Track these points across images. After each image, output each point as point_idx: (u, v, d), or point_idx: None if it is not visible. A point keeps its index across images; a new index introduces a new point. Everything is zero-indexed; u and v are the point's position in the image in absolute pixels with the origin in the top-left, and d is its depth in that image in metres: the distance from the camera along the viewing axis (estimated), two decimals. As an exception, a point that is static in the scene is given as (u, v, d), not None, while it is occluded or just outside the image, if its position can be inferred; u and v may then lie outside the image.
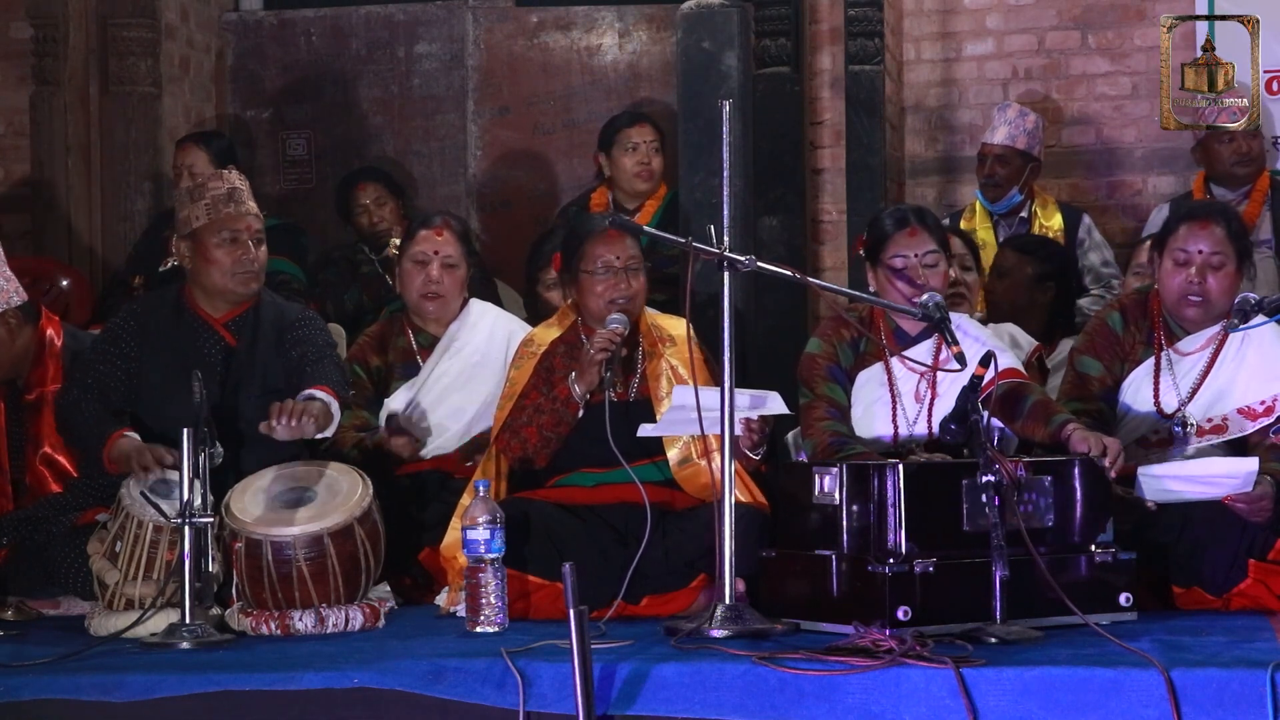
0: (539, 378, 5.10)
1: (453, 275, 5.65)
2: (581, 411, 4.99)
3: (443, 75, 8.06)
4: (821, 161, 7.18)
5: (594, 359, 4.94)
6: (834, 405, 5.00)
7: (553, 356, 5.14)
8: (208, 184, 5.17)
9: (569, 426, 5.01)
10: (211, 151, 6.95)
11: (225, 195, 5.12)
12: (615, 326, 4.99)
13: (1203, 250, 4.98)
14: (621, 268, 5.09)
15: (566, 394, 4.99)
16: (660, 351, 5.07)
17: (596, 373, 4.94)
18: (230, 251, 5.09)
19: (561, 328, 5.21)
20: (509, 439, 5.05)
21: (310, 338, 5.16)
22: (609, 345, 4.94)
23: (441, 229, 5.68)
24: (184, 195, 5.22)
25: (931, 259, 5.00)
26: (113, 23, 7.66)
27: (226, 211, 5.10)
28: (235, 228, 5.10)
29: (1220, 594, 4.67)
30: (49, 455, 5.34)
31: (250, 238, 5.13)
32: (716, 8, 6.68)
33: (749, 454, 4.85)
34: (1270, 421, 4.95)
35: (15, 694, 4.01)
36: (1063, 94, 7.60)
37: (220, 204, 5.10)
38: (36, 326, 5.41)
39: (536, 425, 5.01)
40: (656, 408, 4.98)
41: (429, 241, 5.65)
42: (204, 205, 5.10)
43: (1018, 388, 4.90)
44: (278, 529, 4.64)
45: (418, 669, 3.95)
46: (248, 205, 5.16)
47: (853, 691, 3.76)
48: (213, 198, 5.11)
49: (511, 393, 5.11)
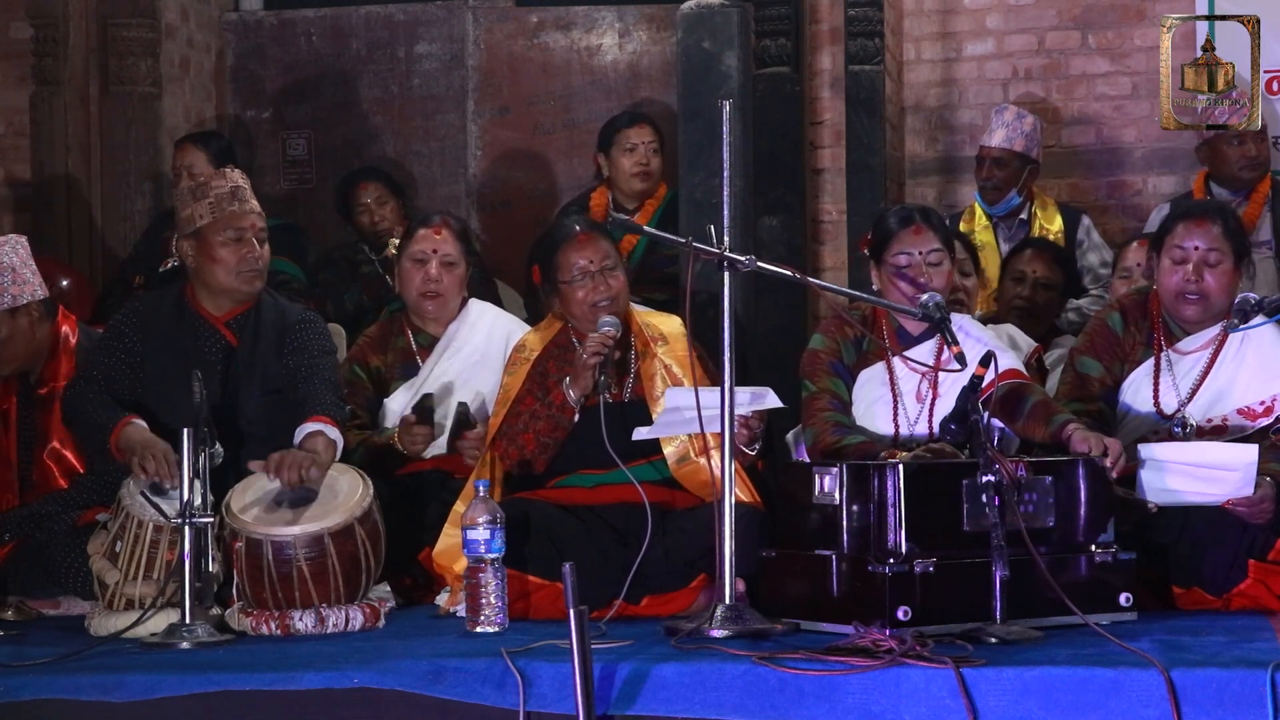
0: (533, 383, 5.10)
1: (452, 274, 5.65)
2: (577, 416, 4.99)
3: (443, 75, 8.06)
4: (821, 161, 7.18)
5: (587, 364, 4.94)
6: (836, 398, 5.01)
7: (546, 361, 5.14)
8: (210, 182, 5.16)
9: (565, 431, 5.01)
10: (210, 151, 6.95)
11: (229, 194, 5.13)
12: (607, 330, 4.99)
13: (1199, 247, 4.98)
14: (598, 270, 5.09)
15: (561, 399, 4.99)
16: (653, 351, 5.07)
17: (590, 377, 4.95)
18: (235, 250, 5.10)
19: (552, 332, 5.22)
20: (506, 445, 5.05)
21: (307, 345, 5.15)
22: (601, 349, 4.95)
23: (440, 228, 5.68)
24: (186, 194, 5.22)
25: (936, 257, 5.00)
26: (113, 23, 7.66)
27: (231, 210, 5.10)
28: (240, 226, 5.10)
29: (1220, 594, 4.67)
30: (57, 450, 5.35)
31: (254, 235, 5.13)
32: (716, 8, 6.68)
33: (744, 450, 4.85)
34: (1270, 421, 4.95)
35: (15, 694, 4.01)
36: (1063, 94, 7.60)
37: (224, 202, 5.11)
38: (54, 322, 5.43)
39: (533, 431, 5.01)
40: (652, 407, 4.98)
41: (428, 240, 5.66)
42: (208, 204, 5.10)
43: (1018, 388, 4.91)
44: (278, 529, 4.64)
45: (418, 669, 3.95)
46: (251, 203, 5.17)
47: (853, 691, 3.76)
48: (216, 196, 5.11)
49: (505, 399, 5.12)
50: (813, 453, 4.97)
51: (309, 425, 4.88)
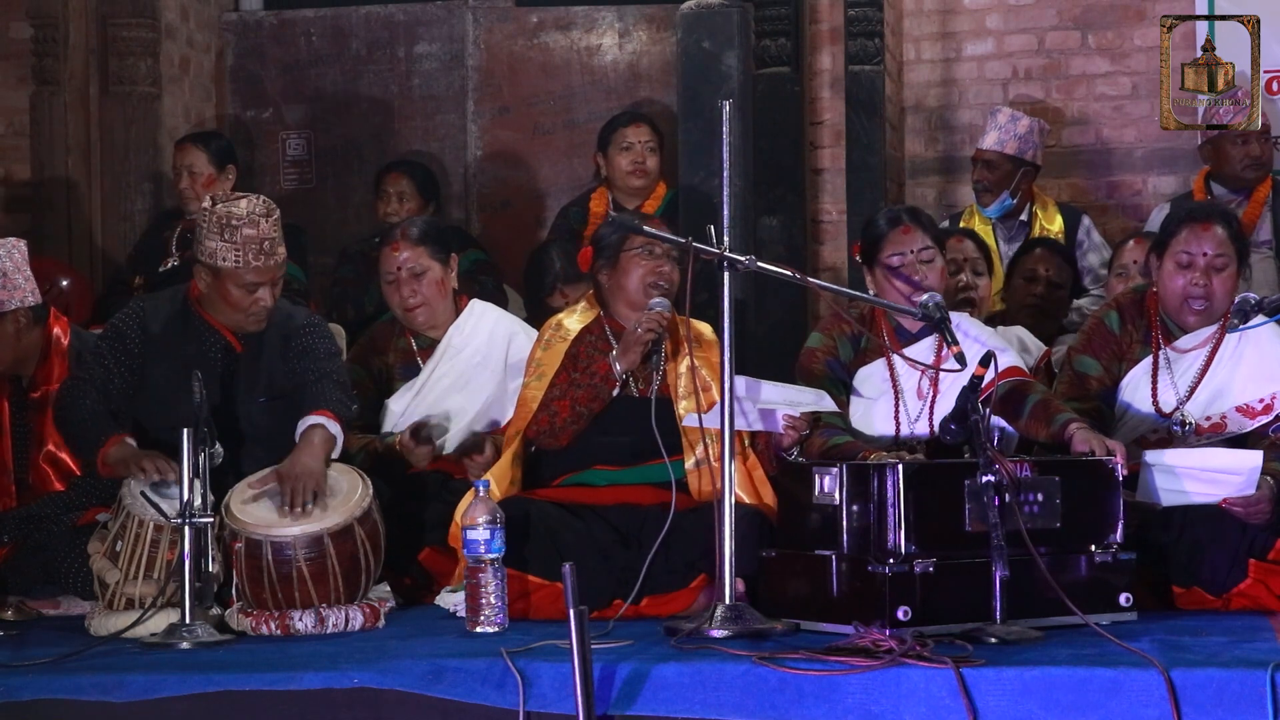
0: (568, 360, 5.09)
1: (425, 281, 5.61)
2: (618, 389, 4.99)
3: (443, 75, 8.06)
4: (821, 161, 7.18)
5: (640, 337, 4.95)
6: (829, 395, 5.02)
7: (578, 345, 5.13)
8: (242, 228, 4.94)
9: (603, 404, 5.00)
10: (210, 151, 6.94)
11: (257, 246, 4.94)
12: (660, 309, 4.99)
13: (1207, 253, 4.98)
14: (663, 253, 5.10)
15: (606, 369, 4.99)
16: (685, 351, 5.06)
17: (640, 351, 4.96)
18: (248, 296, 5.01)
19: (588, 319, 5.20)
20: (538, 412, 5.04)
21: (314, 348, 5.12)
22: (656, 325, 4.95)
23: (397, 243, 5.65)
24: (213, 224, 4.97)
25: (927, 255, 5.03)
26: (113, 23, 7.66)
27: (255, 265, 4.95)
28: (260, 280, 4.99)
29: (1220, 594, 4.67)
30: (53, 453, 5.35)
31: (271, 283, 5.03)
32: (716, 8, 6.68)
33: (784, 454, 4.86)
34: (1269, 420, 4.95)
35: (15, 694, 4.01)
36: (1062, 94, 7.59)
37: (251, 255, 4.94)
38: (44, 326, 5.42)
39: (570, 399, 5.00)
40: (676, 405, 4.99)
41: (388, 259, 5.65)
42: (234, 250, 4.93)
43: (1020, 386, 4.91)
44: (278, 529, 4.64)
45: (418, 669, 3.95)
46: (277, 254, 5.01)
47: (853, 691, 3.76)
48: (245, 242, 4.93)
49: (540, 372, 5.10)
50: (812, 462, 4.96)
51: (309, 419, 4.87)
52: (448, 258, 5.68)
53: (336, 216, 7.89)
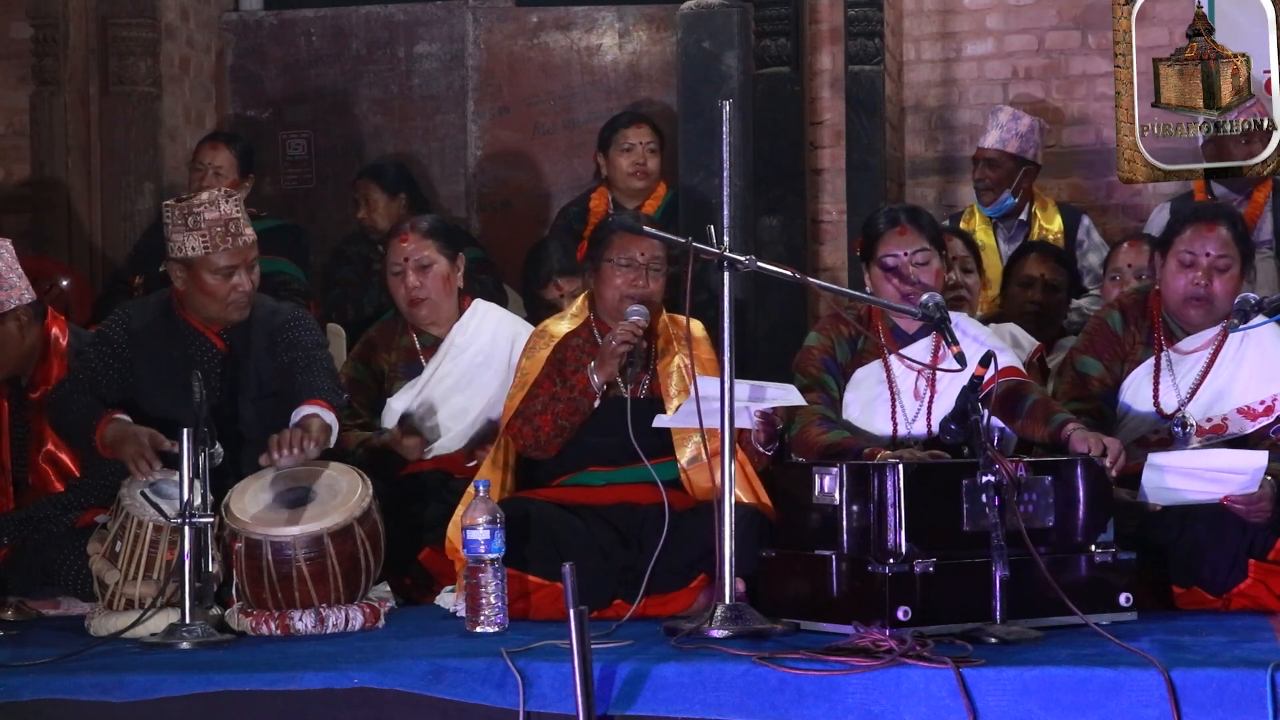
0: (552, 368, 5.09)
1: (431, 275, 5.61)
2: (598, 402, 4.99)
3: (443, 75, 8.06)
4: (821, 161, 7.18)
5: (615, 350, 4.94)
6: (825, 392, 5.04)
7: (565, 349, 5.14)
8: (203, 213, 4.97)
9: (584, 416, 5.00)
10: (238, 154, 6.92)
11: (221, 229, 4.97)
12: (636, 319, 4.99)
13: (1210, 253, 4.98)
14: (644, 264, 5.10)
15: (585, 383, 4.99)
16: (674, 350, 5.07)
17: (616, 364, 4.95)
18: (224, 283, 5.01)
19: (574, 323, 5.21)
20: (521, 425, 5.04)
21: (300, 340, 5.12)
22: (630, 337, 4.95)
23: (407, 234, 5.65)
24: (176, 219, 4.99)
25: (922, 257, 5.03)
26: (113, 23, 7.66)
27: (224, 247, 4.97)
28: (230, 263, 5.00)
29: (1220, 594, 4.67)
30: (52, 454, 5.35)
31: (244, 266, 5.03)
32: (716, 8, 6.68)
33: (760, 449, 4.86)
34: (1270, 421, 4.95)
35: (15, 694, 4.01)
36: (1062, 94, 7.60)
37: (217, 237, 4.96)
38: (43, 325, 5.41)
39: (551, 413, 5.00)
40: (668, 405, 4.99)
41: (397, 250, 5.65)
42: (199, 236, 4.96)
43: (1018, 386, 4.91)
44: (278, 529, 4.64)
45: (418, 669, 3.95)
46: (244, 235, 5.02)
47: (853, 691, 3.76)
48: (209, 228, 4.96)
49: (523, 382, 5.10)
50: (797, 442, 4.97)
51: (304, 409, 4.87)
52: (455, 255, 5.69)
53: (336, 216, 7.88)
